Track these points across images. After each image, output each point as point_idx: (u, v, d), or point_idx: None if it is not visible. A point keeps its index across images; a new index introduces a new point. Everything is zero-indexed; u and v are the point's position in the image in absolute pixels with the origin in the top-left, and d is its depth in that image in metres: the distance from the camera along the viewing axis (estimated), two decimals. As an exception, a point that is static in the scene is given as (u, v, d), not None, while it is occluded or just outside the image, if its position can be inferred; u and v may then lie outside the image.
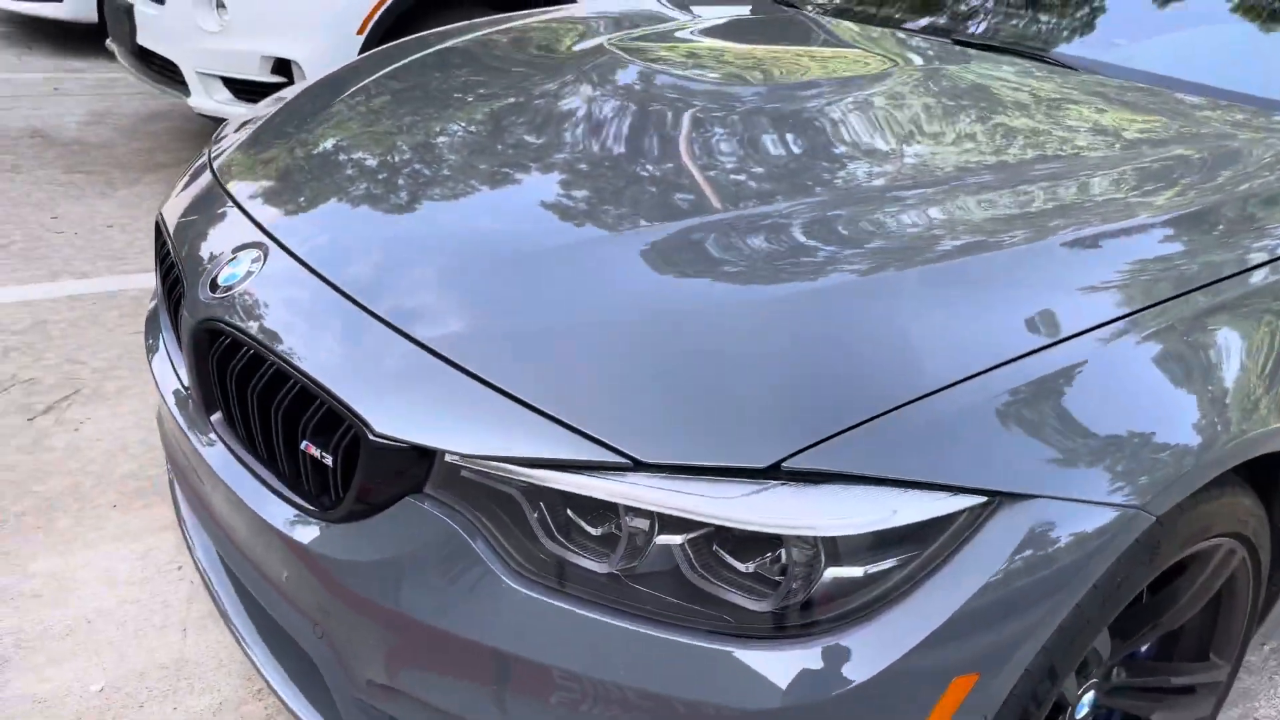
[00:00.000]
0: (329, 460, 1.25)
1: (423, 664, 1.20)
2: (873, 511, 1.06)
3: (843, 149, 1.57)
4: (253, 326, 1.34)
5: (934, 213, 1.36)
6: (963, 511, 1.08)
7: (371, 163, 1.60)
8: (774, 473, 1.06)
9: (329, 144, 1.70)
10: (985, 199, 1.40)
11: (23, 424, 2.42)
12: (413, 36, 2.30)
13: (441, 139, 1.66)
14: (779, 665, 1.06)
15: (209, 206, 1.63)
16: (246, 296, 1.39)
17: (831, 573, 1.06)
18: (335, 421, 1.25)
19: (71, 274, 3.23)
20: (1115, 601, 1.21)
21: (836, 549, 1.06)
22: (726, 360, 1.14)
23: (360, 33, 3.63)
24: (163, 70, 3.97)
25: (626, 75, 1.89)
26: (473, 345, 1.20)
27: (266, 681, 1.46)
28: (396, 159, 1.61)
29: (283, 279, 1.38)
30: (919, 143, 1.59)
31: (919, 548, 1.07)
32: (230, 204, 1.59)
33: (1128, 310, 1.23)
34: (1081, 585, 1.12)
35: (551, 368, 1.17)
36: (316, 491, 1.28)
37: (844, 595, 1.07)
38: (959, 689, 1.08)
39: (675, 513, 1.06)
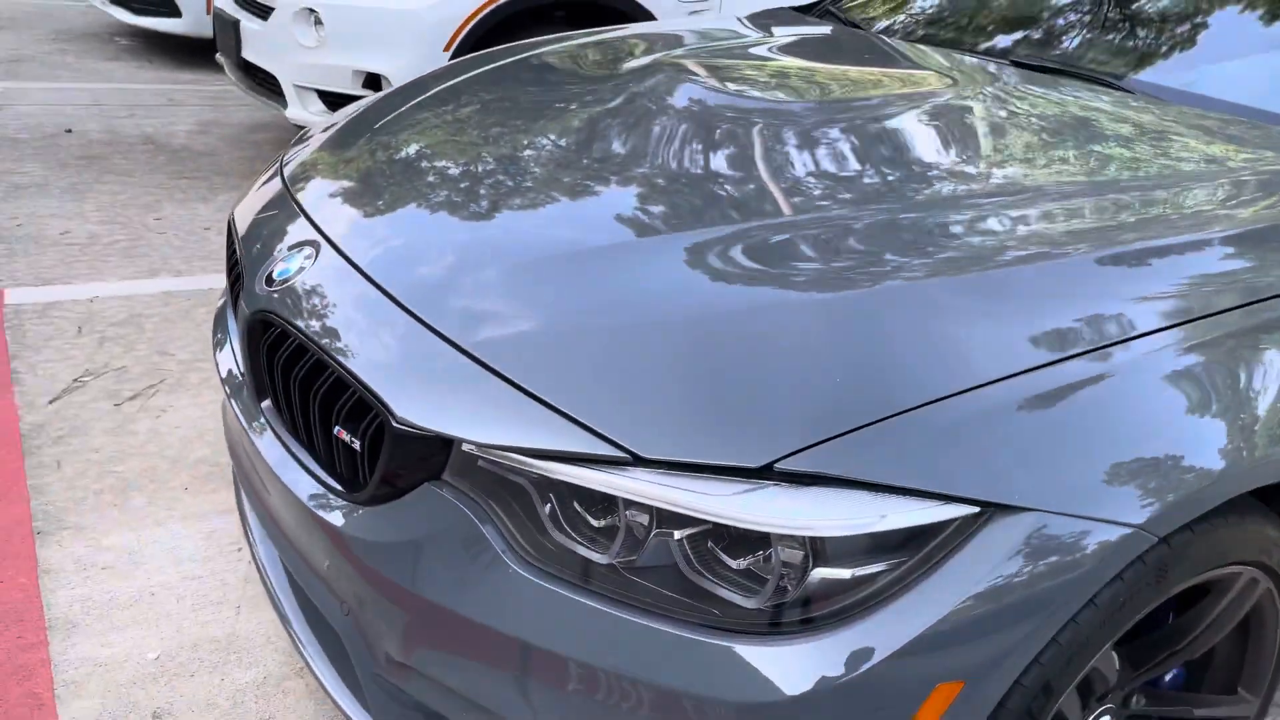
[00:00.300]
0: (357, 445, 1.32)
1: (434, 643, 1.26)
2: (861, 515, 1.08)
3: (877, 165, 1.59)
4: (298, 318, 1.43)
5: (955, 229, 1.38)
6: (954, 520, 1.09)
7: (424, 170, 1.68)
8: (767, 473, 1.10)
9: (387, 152, 1.79)
10: (1017, 215, 1.41)
11: (110, 409, 2.58)
12: (483, 51, 2.39)
13: (494, 148, 1.74)
14: (762, 661, 1.09)
15: (274, 208, 1.73)
16: (296, 290, 1.48)
17: (819, 573, 1.09)
18: (364, 409, 1.32)
19: (169, 272, 3.42)
20: (1117, 622, 1.20)
21: (824, 550, 1.09)
22: (730, 362, 1.18)
23: (447, 49, 3.77)
24: (264, 83, 4.18)
25: (684, 90, 1.94)
26: (494, 342, 1.27)
27: (304, 658, 1.54)
28: (449, 166, 1.69)
29: (330, 275, 1.47)
30: (953, 160, 1.60)
31: (908, 554, 1.09)
32: (293, 205, 1.69)
33: (1144, 330, 1.22)
34: (1075, 602, 1.13)
35: (566, 366, 1.22)
36: (347, 475, 1.36)
37: (831, 596, 1.09)
38: (943, 696, 1.10)
39: (669, 507, 1.10)
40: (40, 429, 2.47)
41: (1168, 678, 1.53)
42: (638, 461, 1.13)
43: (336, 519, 1.34)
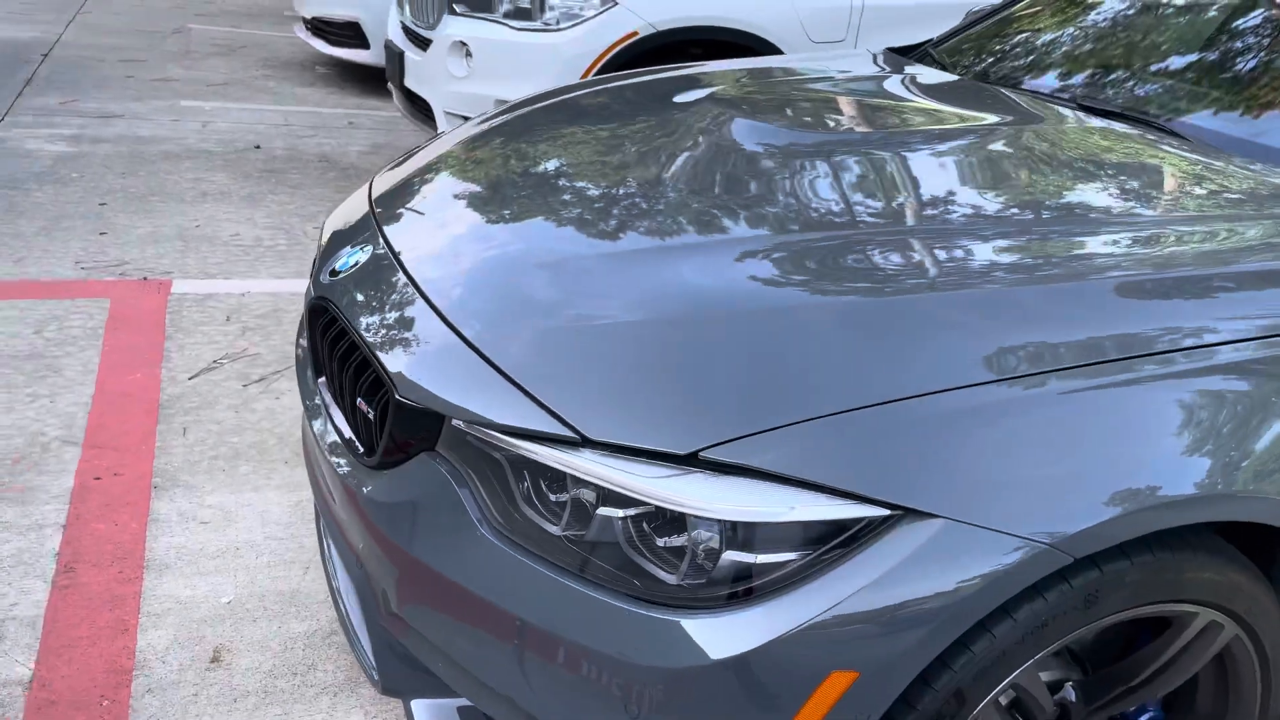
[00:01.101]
0: (372, 415, 1.50)
1: (419, 597, 1.41)
2: (772, 506, 1.17)
3: (864, 192, 1.66)
4: (344, 303, 1.63)
5: (916, 254, 1.44)
6: (863, 520, 1.16)
7: (475, 190, 1.86)
8: (694, 460, 1.20)
9: (453, 172, 1.98)
10: (988, 244, 1.46)
11: (239, 389, 2.89)
12: (568, 85, 2.57)
13: (546, 171, 1.90)
14: (672, 632, 1.18)
15: (354, 213, 1.96)
16: (348, 280, 1.68)
17: (730, 556, 1.18)
18: (379, 384, 1.50)
19: (315, 275, 3.77)
20: (1039, 640, 1.23)
21: (737, 535, 1.18)
22: (678, 360, 1.29)
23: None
24: (422, 109, 4.53)
25: (720, 121, 2.05)
26: (489, 332, 1.42)
27: (341, 608, 1.73)
28: (496, 188, 1.86)
29: (378, 269, 1.67)
30: (943, 193, 1.66)
31: (816, 546, 1.17)
32: (368, 211, 1.91)
33: (1086, 360, 1.25)
34: (978, 611, 1.17)
35: (545, 356, 1.36)
36: (365, 443, 1.54)
37: (741, 578, 1.18)
38: (836, 684, 1.16)
39: (607, 485, 1.22)
40: (177, 400, 2.80)
41: (1147, 717, 1.51)
42: (585, 442, 1.25)
43: (354, 479, 1.52)
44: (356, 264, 1.72)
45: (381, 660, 1.57)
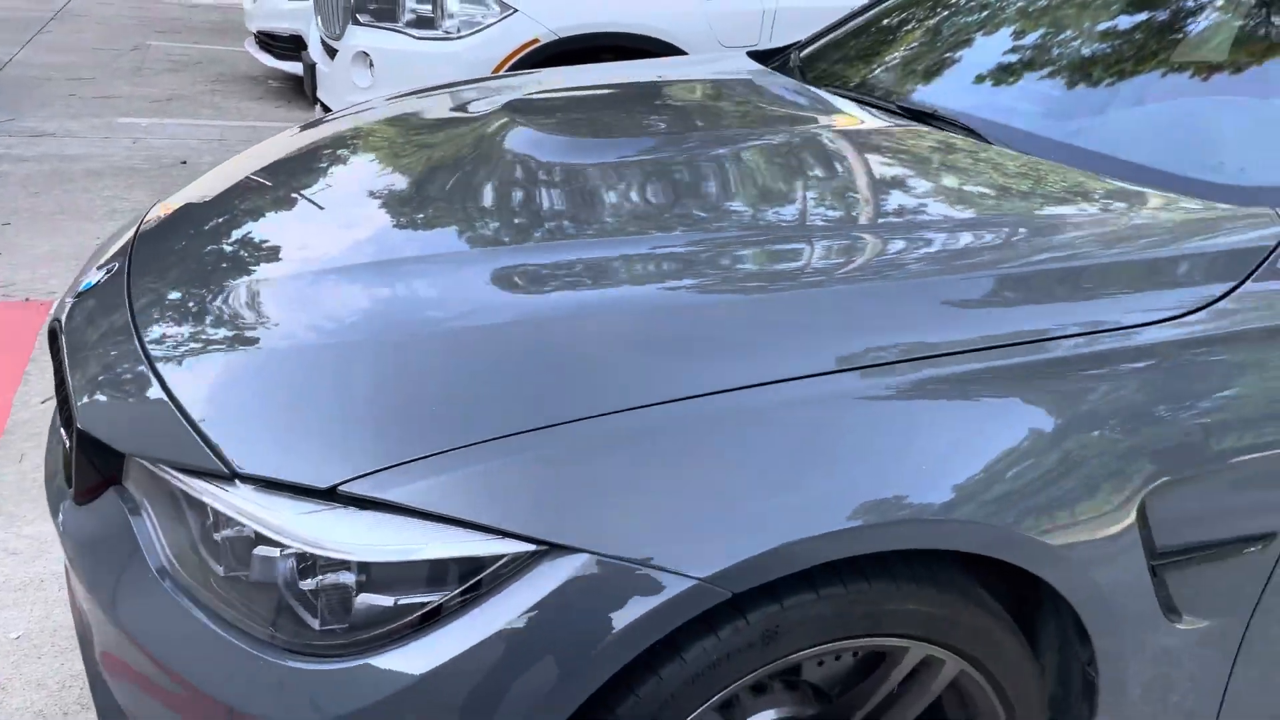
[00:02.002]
0: (67, 443, 1.42)
1: (105, 641, 1.32)
2: (405, 543, 1.08)
3: (573, 205, 1.57)
4: (69, 326, 1.55)
5: (606, 271, 1.35)
6: (503, 555, 1.07)
7: (239, 209, 1.76)
8: (334, 495, 1.11)
9: (219, 193, 1.87)
10: (664, 259, 1.37)
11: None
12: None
13: (302, 194, 1.82)
14: (305, 683, 1.09)
15: (126, 231, 1.88)
16: (84, 302, 1.60)
17: (365, 599, 1.09)
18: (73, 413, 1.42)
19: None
20: (713, 681, 1.14)
21: (371, 576, 1.09)
22: (333, 386, 1.21)
23: (485, 91, 3.92)
24: (336, 121, 4.47)
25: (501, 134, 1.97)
26: (176, 357, 1.34)
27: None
28: (258, 209, 1.77)
29: (106, 290, 1.59)
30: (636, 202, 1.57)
31: (455, 585, 1.08)
32: (135, 228, 1.83)
33: (758, 379, 1.16)
34: (626, 652, 1.07)
35: (227, 384, 1.28)
36: (68, 475, 1.46)
37: (378, 622, 1.09)
38: (473, 732, 1.07)
39: (249, 522, 1.14)
40: (23, 424, 2.73)
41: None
42: (236, 476, 1.17)
43: (61, 511, 1.44)
44: (96, 285, 1.64)
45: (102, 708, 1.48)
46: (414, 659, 1.07)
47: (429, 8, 3.97)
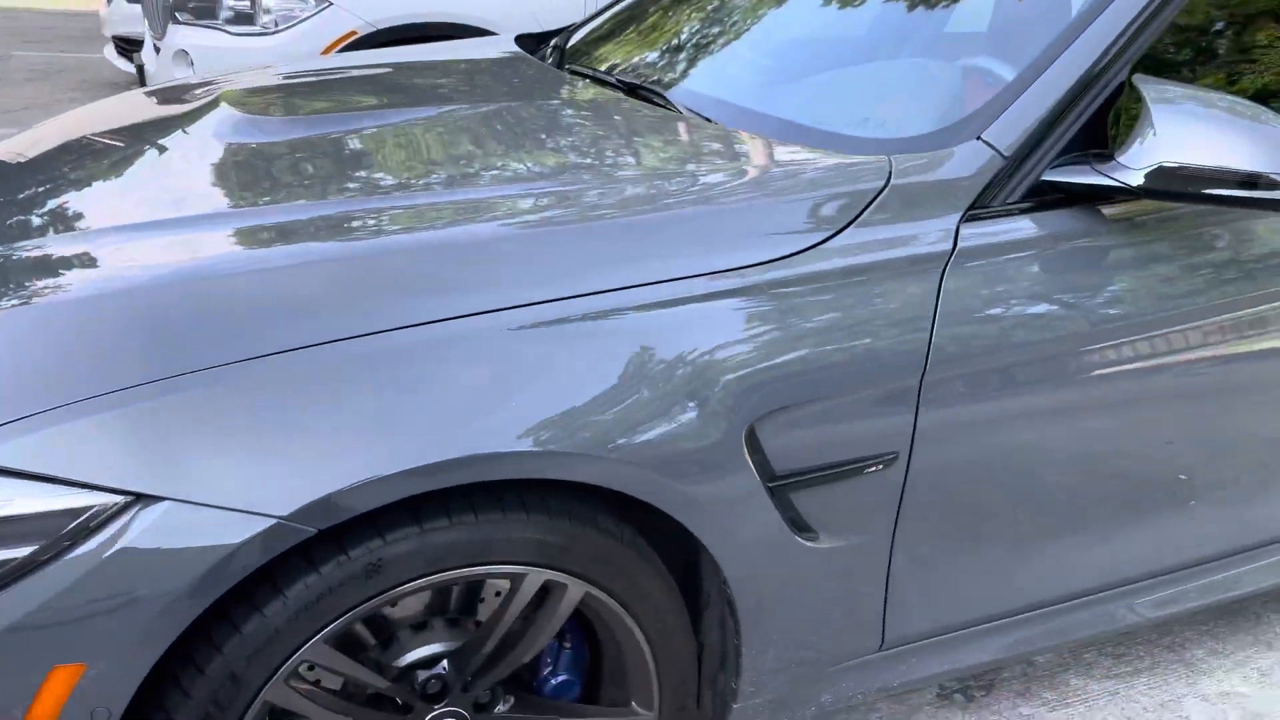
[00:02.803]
0: None
1: None
2: (-18, 499, 1.13)
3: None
4: None
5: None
6: (91, 507, 1.13)
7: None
8: None
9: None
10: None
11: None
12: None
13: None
14: None
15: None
16: None
17: (-45, 556, 1.14)
18: None
19: None
20: (318, 616, 1.21)
21: None
22: None
23: (306, 84, 3.94)
24: (170, 121, 4.46)
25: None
26: None
27: None
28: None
29: None
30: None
31: (37, 539, 1.13)
32: None
33: (369, 327, 1.24)
34: (215, 589, 1.14)
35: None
36: None
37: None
38: (63, 678, 1.13)
39: None
40: None
41: (554, 684, 1.50)
42: None
43: None
44: None
45: None
46: (3, 609, 1.12)
47: (246, 4, 3.99)
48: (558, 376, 1.28)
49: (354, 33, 3.94)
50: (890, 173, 1.51)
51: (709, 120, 1.79)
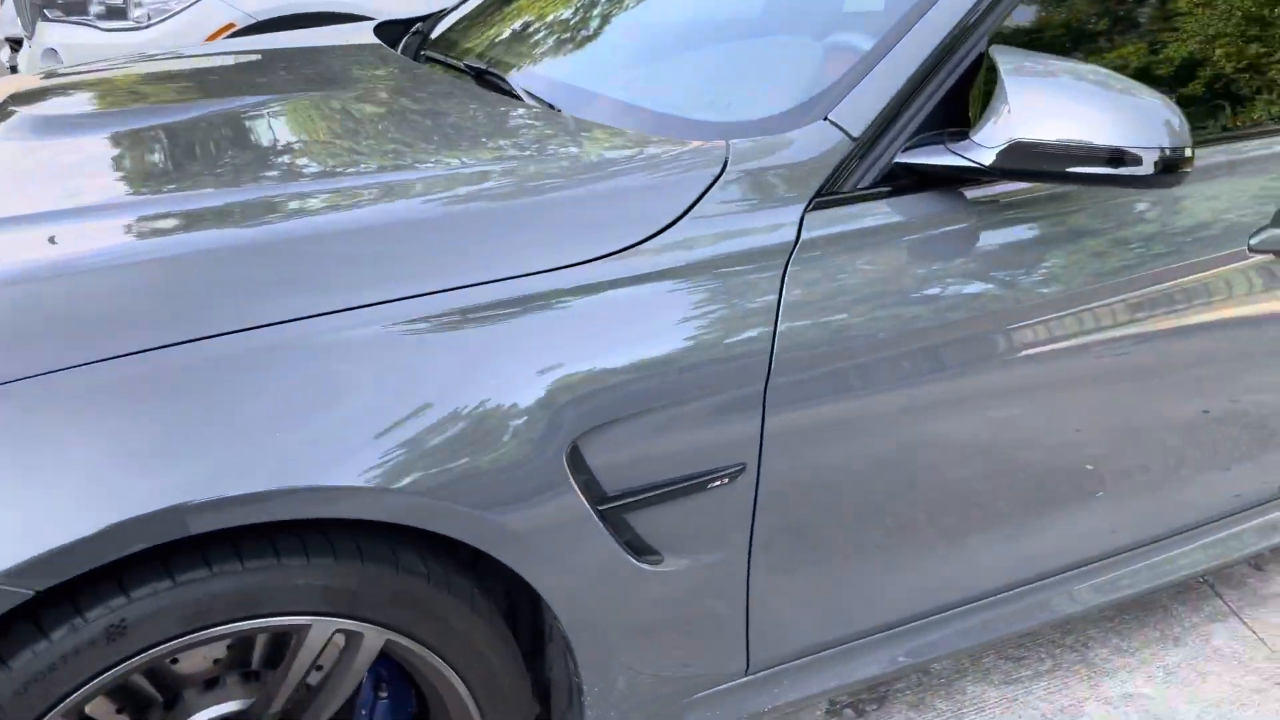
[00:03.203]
0: None
1: None
2: None
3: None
4: None
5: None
6: None
7: None
8: None
9: None
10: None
11: None
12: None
13: None
14: None
15: None
16: None
17: None
18: None
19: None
20: (51, 688, 1.05)
21: None
22: None
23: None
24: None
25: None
26: None
27: None
28: None
29: None
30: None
31: None
32: None
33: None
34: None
35: None
36: None
37: None
38: None
39: None
40: None
41: None
42: None
43: None
44: None
45: None
46: None
47: (117, -2, 3.78)
48: (336, 398, 1.12)
49: (232, 25, 3.73)
50: (727, 159, 1.37)
51: (550, 106, 1.64)
